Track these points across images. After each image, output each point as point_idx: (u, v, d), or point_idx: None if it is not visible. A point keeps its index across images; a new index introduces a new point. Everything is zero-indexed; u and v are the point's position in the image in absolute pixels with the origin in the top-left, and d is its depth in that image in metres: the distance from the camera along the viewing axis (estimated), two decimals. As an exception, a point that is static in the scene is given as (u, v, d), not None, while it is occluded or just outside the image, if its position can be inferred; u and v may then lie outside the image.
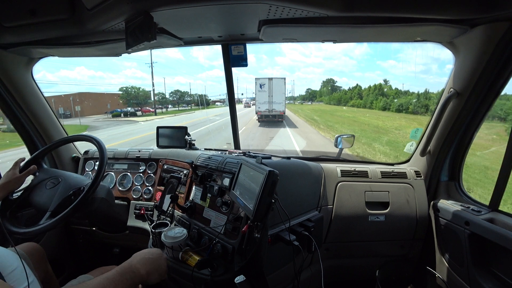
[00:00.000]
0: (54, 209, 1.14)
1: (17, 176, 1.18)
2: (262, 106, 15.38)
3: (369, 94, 42.09)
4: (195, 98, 48.07)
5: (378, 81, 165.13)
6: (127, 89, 35.48)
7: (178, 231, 1.11)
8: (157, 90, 49.39)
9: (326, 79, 75.49)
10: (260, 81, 15.32)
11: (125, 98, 34.41)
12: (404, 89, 42.37)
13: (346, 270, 1.64)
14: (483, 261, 1.20)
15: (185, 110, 39.18)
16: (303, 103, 66.37)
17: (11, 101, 1.51)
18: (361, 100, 43.76)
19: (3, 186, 1.14)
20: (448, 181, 1.49)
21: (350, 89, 53.88)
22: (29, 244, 1.20)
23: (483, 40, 1.04)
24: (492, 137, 8.84)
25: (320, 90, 74.53)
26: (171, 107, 42.71)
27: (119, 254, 1.84)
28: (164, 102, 40.79)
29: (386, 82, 44.68)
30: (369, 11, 0.91)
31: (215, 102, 46.09)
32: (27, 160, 1.29)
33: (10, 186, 1.16)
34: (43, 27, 1.10)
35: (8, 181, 1.15)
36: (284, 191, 1.21)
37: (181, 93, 46.85)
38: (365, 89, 47.12)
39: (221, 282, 1.01)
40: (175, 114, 28.79)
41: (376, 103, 36.04)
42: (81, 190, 1.20)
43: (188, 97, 47.62)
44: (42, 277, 1.15)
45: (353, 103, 46.00)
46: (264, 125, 15.23)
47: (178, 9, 0.91)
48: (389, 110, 31.05)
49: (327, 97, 63.98)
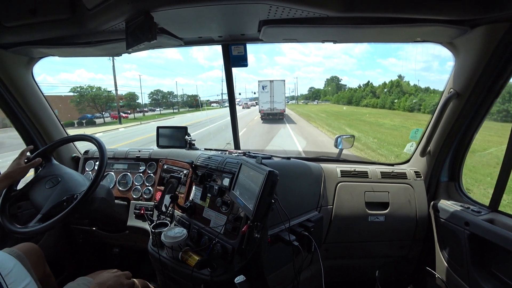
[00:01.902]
0: (45, 212, 1.14)
1: (21, 166, 1.18)
2: (264, 105, 18.16)
3: (386, 92, 35.88)
4: (184, 99, 43.12)
5: (378, 79, 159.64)
6: (81, 90, 25.09)
7: (178, 231, 1.12)
8: (133, 91, 41.04)
9: (330, 77, 69.74)
10: (262, 83, 18.02)
11: (77, 101, 24.43)
12: (422, 86, 37.20)
13: (346, 270, 1.64)
14: (483, 262, 1.20)
15: (167, 114, 32.65)
16: (307, 102, 61.60)
17: (11, 100, 1.51)
18: (377, 99, 36.69)
19: (7, 176, 1.15)
20: (448, 182, 1.49)
21: (360, 86, 47.47)
22: (26, 244, 1.19)
23: (483, 40, 1.04)
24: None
25: (324, 88, 68.79)
26: (157, 110, 35.81)
27: (119, 254, 1.84)
28: (135, 105, 31.21)
29: (401, 78, 37.81)
30: (369, 11, 0.91)
31: (211, 103, 41.98)
32: (37, 152, 1.30)
33: (13, 175, 1.17)
34: (44, 27, 1.10)
35: (13, 170, 1.16)
36: (284, 191, 1.21)
37: (164, 94, 39.12)
38: (378, 86, 40.82)
39: (221, 282, 1.01)
40: (139, 123, 21.92)
41: (400, 102, 29.39)
42: (74, 197, 1.17)
43: (174, 98, 40.70)
44: (40, 277, 1.14)
45: (367, 102, 39.20)
46: (266, 122, 17.76)
47: (179, 9, 0.92)
48: (420, 111, 23.76)
49: (335, 96, 56.63)
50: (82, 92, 25.15)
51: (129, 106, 30.62)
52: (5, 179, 1.15)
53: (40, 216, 1.13)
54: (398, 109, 28.76)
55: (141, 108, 33.91)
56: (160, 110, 36.51)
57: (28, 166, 1.21)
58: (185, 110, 39.67)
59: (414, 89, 32.57)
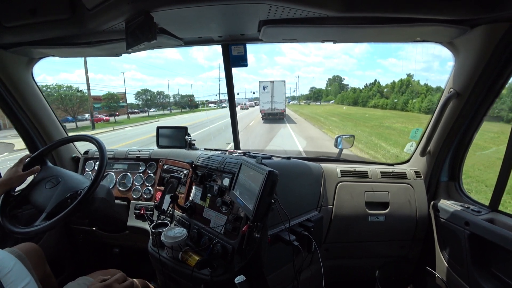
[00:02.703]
0: (50, 211, 1.14)
1: (20, 174, 1.18)
2: (265, 105, 18.51)
3: (396, 92, 32.78)
4: (177, 99, 40.64)
5: (379, 79, 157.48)
6: (47, 89, 19.98)
7: (178, 231, 1.12)
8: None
9: (332, 76, 67.88)
10: (263, 84, 18.30)
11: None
12: (432, 85, 31.36)
13: (346, 270, 1.64)
14: (483, 262, 1.20)
15: (152, 116, 29.24)
16: (310, 103, 58.06)
17: (11, 101, 1.51)
18: (387, 99, 33.60)
19: (4, 183, 1.14)
20: (448, 181, 1.49)
21: (366, 86, 43.76)
22: (27, 244, 1.19)
23: (483, 40, 1.04)
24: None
25: (326, 88, 64.94)
26: (150, 111, 32.95)
27: (119, 254, 1.84)
28: (115, 107, 27.08)
29: (411, 77, 34.19)
30: (369, 11, 0.91)
31: (209, 103, 39.45)
32: (32, 156, 1.29)
33: (11, 183, 1.16)
34: (44, 27, 1.10)
35: (10, 178, 1.15)
36: (284, 191, 1.21)
37: (152, 94, 34.89)
38: (386, 85, 37.66)
39: (221, 282, 1.01)
40: (112, 128, 18.00)
41: (415, 103, 26.51)
42: (78, 193, 1.18)
43: (163, 98, 37.05)
44: (41, 277, 1.14)
45: (374, 103, 35.63)
46: (267, 122, 17.93)
47: (179, 9, 0.92)
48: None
49: (339, 96, 52.41)
50: (48, 93, 19.51)
51: (109, 108, 26.66)
52: (3, 186, 1.14)
53: (45, 215, 1.13)
54: (412, 111, 25.88)
55: (131, 110, 31.27)
56: (148, 112, 33.20)
57: (26, 174, 1.20)
58: (179, 111, 37.57)
59: (425, 89, 29.89)
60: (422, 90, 29.81)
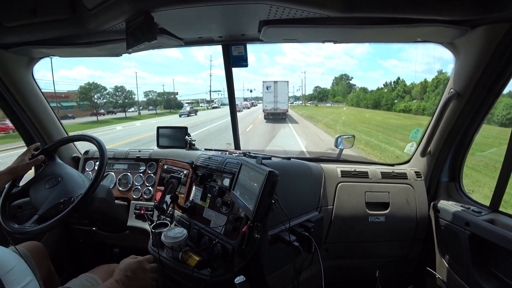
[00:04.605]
0: (42, 214, 1.14)
1: (25, 162, 1.20)
2: (268, 105, 18.67)
3: (429, 92, 25.65)
4: (153, 96, 32.76)
5: (379, 80, 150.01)
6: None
7: (178, 232, 1.11)
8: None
9: (339, 75, 59.82)
10: (266, 84, 18.47)
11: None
12: None
13: (346, 270, 1.64)
14: (483, 262, 1.20)
15: (121, 119, 24.27)
16: (317, 104, 49.68)
17: (12, 101, 1.51)
18: (422, 101, 25.87)
19: (11, 171, 1.17)
20: (449, 182, 1.49)
21: (387, 84, 35.27)
22: (32, 243, 1.20)
23: (483, 41, 1.04)
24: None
25: (332, 88, 56.45)
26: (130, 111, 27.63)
27: (119, 254, 1.84)
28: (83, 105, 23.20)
29: (444, 74, 25.64)
30: (370, 11, 0.91)
31: (200, 103, 33.54)
32: (42, 149, 1.31)
33: (17, 171, 1.19)
34: (44, 27, 1.10)
35: (16, 166, 1.18)
36: (284, 192, 1.21)
37: (127, 92, 27.71)
38: (411, 84, 29.43)
39: (221, 283, 1.01)
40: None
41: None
42: (71, 200, 1.16)
43: (130, 96, 28.75)
44: (45, 276, 1.15)
45: (405, 106, 27.19)
46: (270, 122, 18.01)
47: (179, 10, 0.92)
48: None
49: (351, 97, 43.19)
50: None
51: (79, 106, 24.25)
52: (8, 174, 1.17)
53: (37, 217, 1.13)
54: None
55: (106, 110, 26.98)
56: (115, 113, 28.15)
57: (32, 163, 1.23)
58: (153, 113, 30.99)
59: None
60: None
